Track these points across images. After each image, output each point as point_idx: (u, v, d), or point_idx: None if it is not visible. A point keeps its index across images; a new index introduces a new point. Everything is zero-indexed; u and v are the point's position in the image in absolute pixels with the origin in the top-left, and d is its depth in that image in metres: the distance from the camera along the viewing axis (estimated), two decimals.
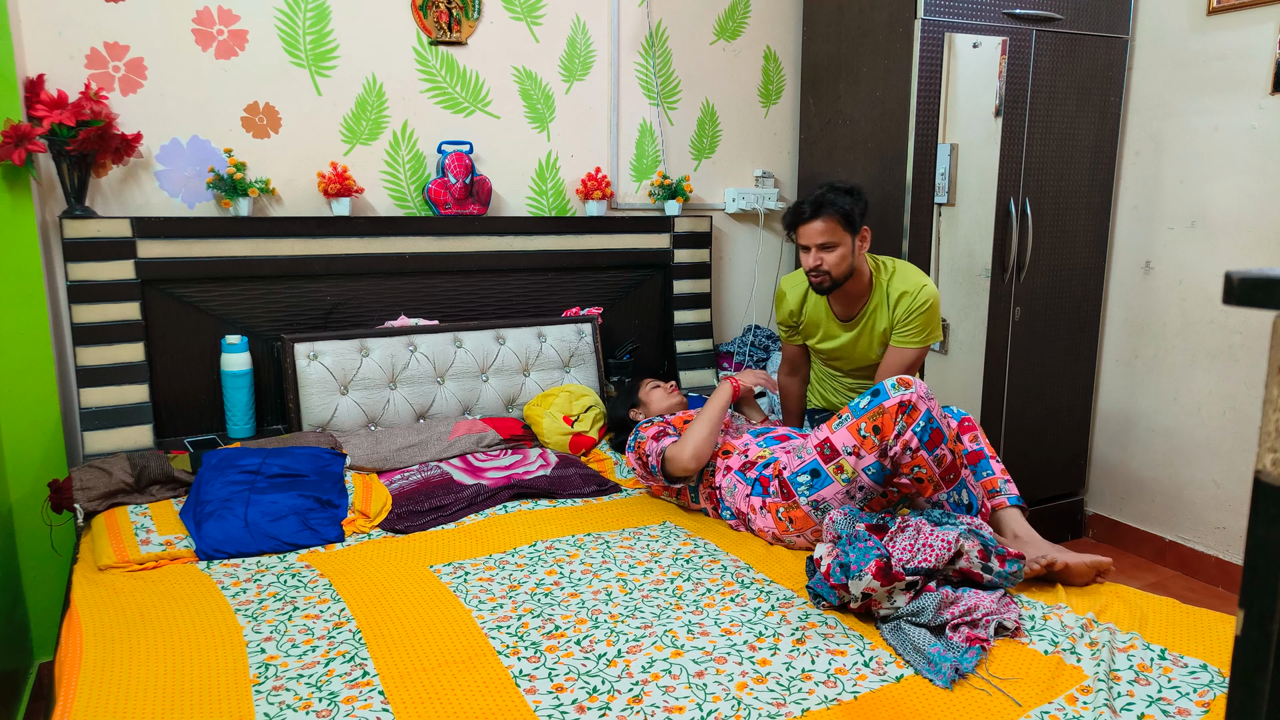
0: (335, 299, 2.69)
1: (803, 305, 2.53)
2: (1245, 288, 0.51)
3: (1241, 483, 2.91)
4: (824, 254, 2.30)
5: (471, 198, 2.84)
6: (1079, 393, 3.29)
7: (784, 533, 2.01)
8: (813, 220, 2.29)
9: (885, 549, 1.66)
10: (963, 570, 1.69)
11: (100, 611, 1.67)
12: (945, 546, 1.66)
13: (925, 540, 1.68)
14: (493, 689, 1.42)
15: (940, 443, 1.85)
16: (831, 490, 1.92)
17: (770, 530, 2.04)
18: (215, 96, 2.56)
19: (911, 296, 2.37)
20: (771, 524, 2.03)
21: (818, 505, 1.94)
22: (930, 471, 1.86)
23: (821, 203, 2.29)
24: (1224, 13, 2.82)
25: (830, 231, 2.28)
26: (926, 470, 1.85)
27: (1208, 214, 2.93)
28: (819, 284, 2.36)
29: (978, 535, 1.74)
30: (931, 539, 1.68)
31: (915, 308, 2.37)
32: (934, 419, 1.84)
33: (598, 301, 3.09)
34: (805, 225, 2.31)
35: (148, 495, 2.19)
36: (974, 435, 2.13)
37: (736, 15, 3.29)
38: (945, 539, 1.68)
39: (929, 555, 1.66)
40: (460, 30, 2.84)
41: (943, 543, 1.67)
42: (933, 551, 1.66)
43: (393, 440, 2.47)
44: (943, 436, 1.85)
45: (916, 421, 1.83)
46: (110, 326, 2.37)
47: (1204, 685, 1.45)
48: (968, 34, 2.80)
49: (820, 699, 1.40)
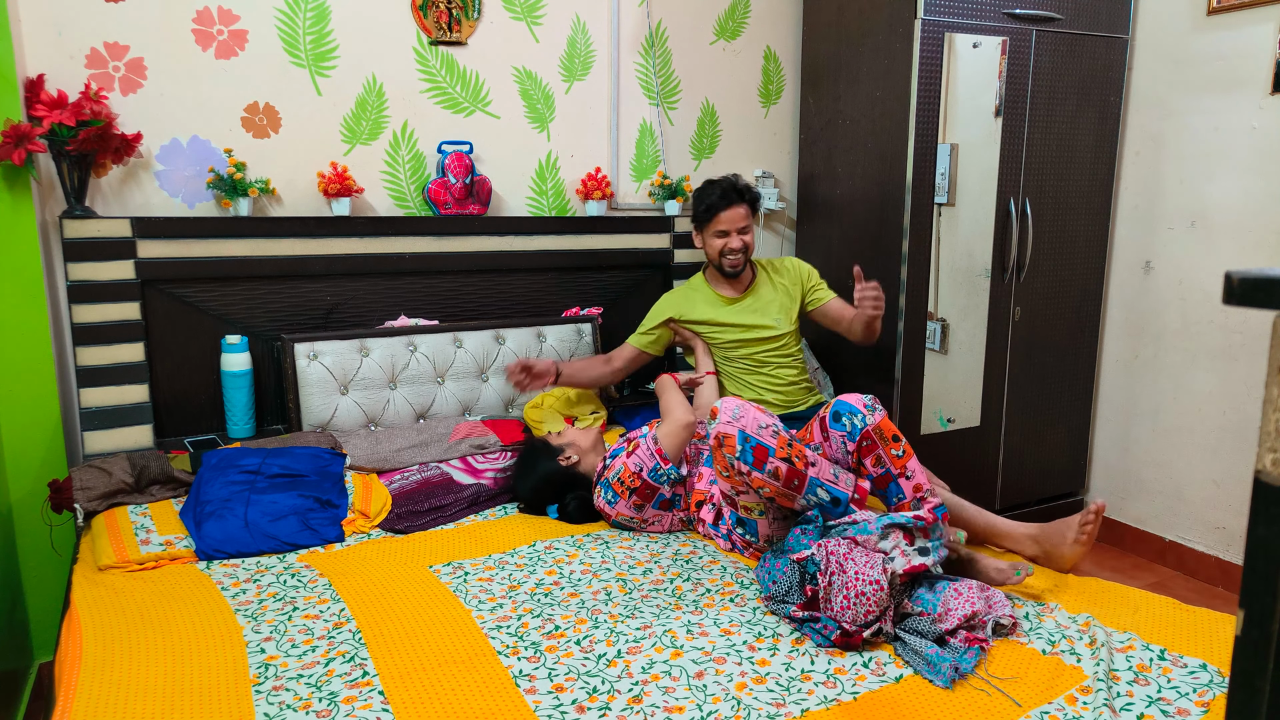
0: (335, 299, 2.69)
1: (680, 307, 2.72)
2: (1245, 288, 0.51)
3: (1241, 483, 2.91)
4: (743, 236, 2.60)
5: (471, 198, 2.84)
6: (1079, 393, 3.29)
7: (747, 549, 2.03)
8: (735, 206, 2.58)
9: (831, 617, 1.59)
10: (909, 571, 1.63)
11: (100, 611, 1.67)
12: (876, 588, 1.57)
13: (857, 590, 1.58)
14: (493, 689, 1.42)
15: (767, 457, 1.81)
16: (763, 525, 1.94)
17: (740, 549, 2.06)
18: (215, 96, 2.56)
19: (790, 262, 2.77)
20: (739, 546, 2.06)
21: (771, 540, 1.96)
22: (773, 487, 1.83)
23: (738, 191, 2.60)
24: (1224, 13, 2.82)
25: (746, 216, 2.60)
26: (769, 488, 1.83)
27: (1208, 214, 2.94)
28: (734, 265, 2.62)
29: (896, 524, 1.69)
30: (861, 585, 1.58)
31: (801, 268, 2.76)
32: (750, 437, 1.82)
33: (598, 301, 3.09)
34: (727, 211, 2.58)
35: (148, 495, 2.19)
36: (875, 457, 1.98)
37: (736, 15, 3.29)
38: (870, 579, 1.58)
39: (869, 606, 1.57)
40: (460, 30, 2.84)
41: (872, 585, 1.58)
42: (867, 600, 1.57)
43: (393, 440, 2.47)
44: (767, 451, 1.81)
45: (735, 448, 1.83)
46: (110, 326, 2.37)
47: (1203, 685, 1.45)
48: (968, 34, 2.80)
49: (820, 699, 1.40)
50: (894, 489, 1.97)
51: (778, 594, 1.71)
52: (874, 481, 1.99)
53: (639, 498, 2.10)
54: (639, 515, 2.13)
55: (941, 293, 2.94)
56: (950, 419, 3.02)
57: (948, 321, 2.97)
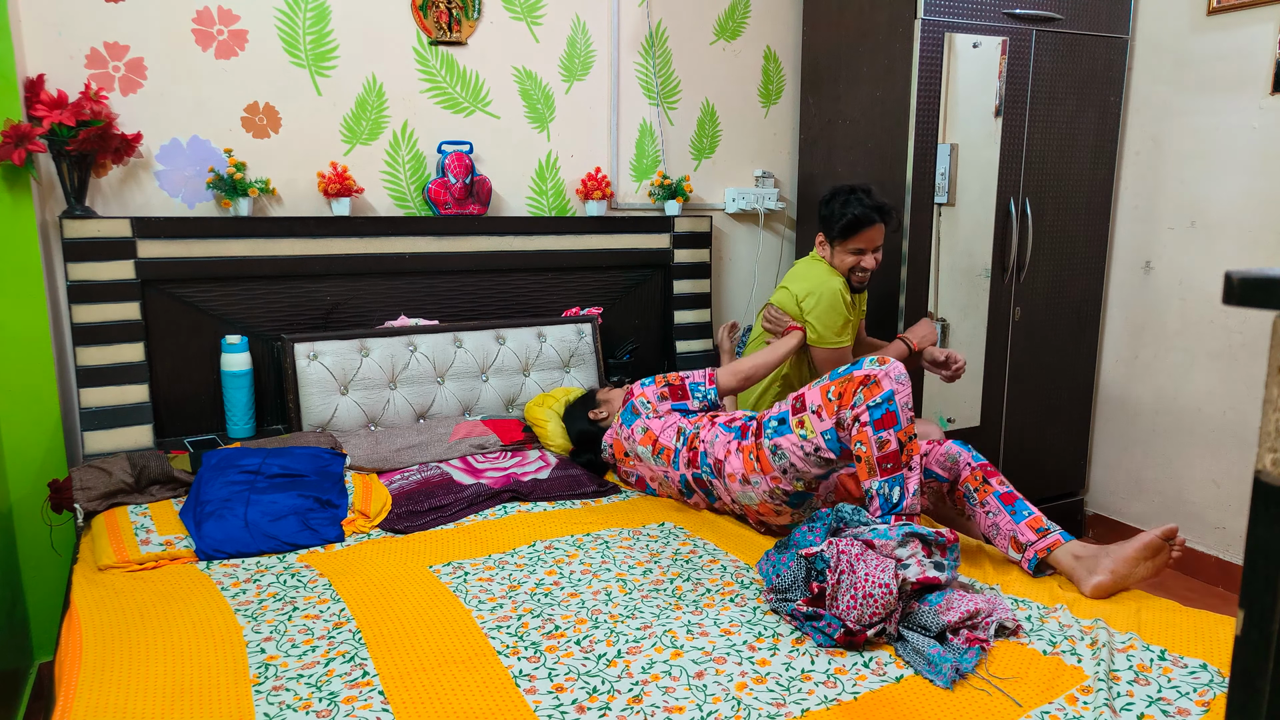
0: (335, 299, 2.69)
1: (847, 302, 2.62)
2: (1245, 288, 0.51)
3: (1241, 483, 2.91)
4: (877, 255, 2.57)
5: (471, 198, 2.84)
6: (1079, 393, 3.29)
7: (750, 472, 2.04)
8: (880, 223, 2.53)
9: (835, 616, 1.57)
10: (921, 581, 1.62)
11: (100, 611, 1.67)
12: (884, 590, 1.56)
13: (865, 591, 1.56)
14: (493, 689, 1.42)
15: (891, 426, 1.82)
16: (789, 441, 1.96)
17: (739, 473, 2.06)
18: (215, 96, 2.56)
19: None
20: (740, 465, 2.06)
21: (776, 451, 1.98)
22: (869, 451, 1.83)
23: (885, 209, 2.53)
24: (1224, 13, 2.82)
25: (883, 234, 2.56)
26: (866, 448, 1.83)
27: (1208, 214, 2.93)
28: (862, 281, 2.60)
29: (916, 534, 1.68)
30: (869, 587, 1.57)
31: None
32: (893, 401, 1.82)
33: (598, 301, 3.09)
34: (873, 228, 2.52)
35: (148, 495, 2.19)
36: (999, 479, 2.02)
37: (736, 15, 3.29)
38: (880, 583, 1.57)
39: (875, 609, 1.56)
40: (460, 30, 2.84)
41: (881, 588, 1.56)
42: (875, 603, 1.55)
43: (393, 440, 2.47)
44: (896, 420, 1.82)
45: (875, 397, 1.83)
46: (110, 326, 2.37)
47: (1204, 685, 1.45)
48: (968, 34, 2.80)
49: (820, 699, 1.40)
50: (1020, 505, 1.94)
51: (780, 587, 1.71)
52: None
53: (670, 393, 2.33)
54: (658, 408, 2.31)
55: (941, 293, 2.94)
56: (950, 419, 3.03)
57: (948, 321, 2.97)
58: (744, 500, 2.09)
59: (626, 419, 2.36)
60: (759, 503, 2.06)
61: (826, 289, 2.52)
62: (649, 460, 2.28)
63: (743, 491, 2.07)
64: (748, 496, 2.07)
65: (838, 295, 2.51)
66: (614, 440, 2.39)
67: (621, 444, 2.36)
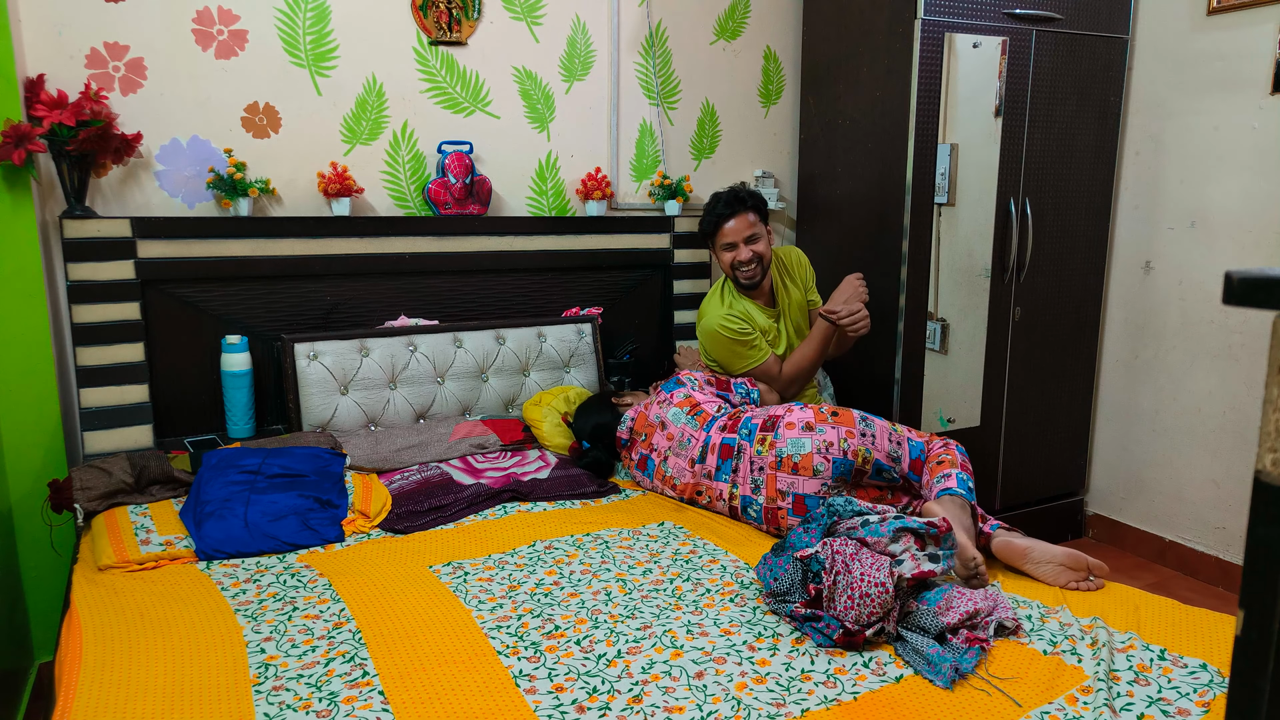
0: (335, 299, 2.69)
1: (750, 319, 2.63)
2: (1245, 288, 0.51)
3: (1241, 483, 2.91)
4: (752, 245, 2.55)
5: (471, 198, 2.84)
6: (1079, 393, 3.29)
7: (820, 421, 2.09)
8: (739, 215, 2.54)
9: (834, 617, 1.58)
10: (917, 576, 1.62)
11: (100, 612, 1.67)
12: (881, 589, 1.56)
13: (862, 591, 1.57)
14: (493, 689, 1.42)
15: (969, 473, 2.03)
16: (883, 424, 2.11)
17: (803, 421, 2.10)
18: (215, 96, 2.56)
19: (794, 257, 2.76)
20: (810, 415, 2.11)
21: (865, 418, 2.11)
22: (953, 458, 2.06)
23: (740, 198, 2.56)
24: (1224, 13, 2.82)
25: (753, 224, 2.56)
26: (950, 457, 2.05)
27: (1208, 214, 2.93)
28: (751, 276, 2.58)
29: (908, 529, 1.67)
30: (865, 587, 1.57)
31: (805, 268, 2.76)
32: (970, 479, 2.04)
33: (598, 301, 3.09)
34: (731, 221, 2.54)
35: (148, 495, 2.19)
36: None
37: (736, 15, 3.29)
38: (876, 582, 1.57)
39: (873, 608, 1.56)
40: (460, 30, 2.84)
41: (877, 587, 1.57)
42: (872, 602, 1.56)
43: (393, 440, 2.47)
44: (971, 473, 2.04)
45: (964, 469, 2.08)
46: (110, 326, 2.37)
47: (1204, 685, 1.45)
48: (968, 34, 2.80)
49: (820, 699, 1.40)
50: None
51: (779, 591, 1.71)
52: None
53: (715, 384, 2.44)
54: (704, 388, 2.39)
55: (942, 293, 2.94)
56: (950, 419, 3.03)
57: (948, 321, 2.97)
58: (789, 450, 2.07)
59: (668, 386, 2.42)
60: (807, 452, 2.05)
61: (707, 330, 2.62)
62: (677, 423, 2.30)
63: (796, 439, 2.07)
64: (799, 445, 2.07)
65: (717, 331, 2.58)
66: (638, 413, 2.41)
67: (645, 415, 2.38)
